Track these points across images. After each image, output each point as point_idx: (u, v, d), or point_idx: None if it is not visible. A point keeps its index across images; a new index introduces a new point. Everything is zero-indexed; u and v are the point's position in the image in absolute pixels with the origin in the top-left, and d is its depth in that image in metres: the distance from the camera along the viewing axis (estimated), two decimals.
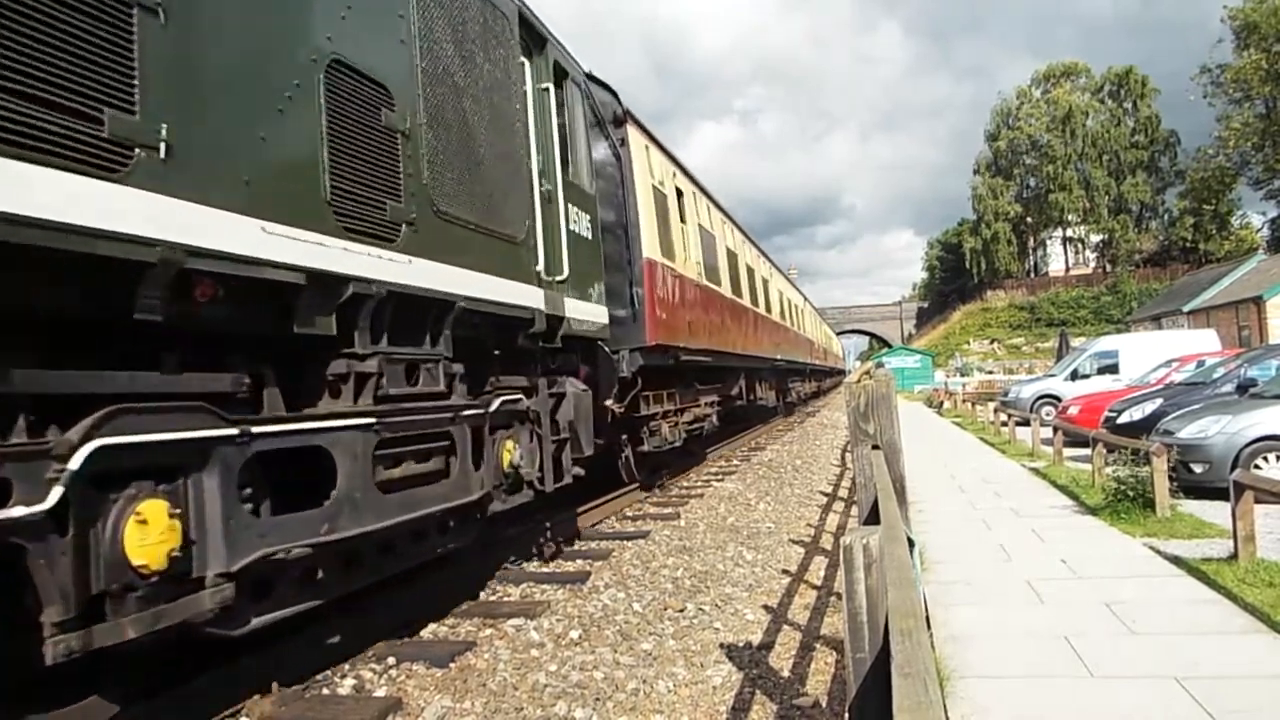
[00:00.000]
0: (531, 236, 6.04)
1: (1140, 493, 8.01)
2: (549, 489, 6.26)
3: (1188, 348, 18.70)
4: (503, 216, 5.57)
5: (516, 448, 5.77)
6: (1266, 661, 4.19)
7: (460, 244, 5.00)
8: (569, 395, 6.83)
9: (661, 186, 10.75)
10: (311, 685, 4.38)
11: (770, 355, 19.54)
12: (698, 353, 11.57)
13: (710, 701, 4.17)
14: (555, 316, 6.37)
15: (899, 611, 1.94)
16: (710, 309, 13.01)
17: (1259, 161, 57.86)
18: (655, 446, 10.30)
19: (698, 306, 12.05)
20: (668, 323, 10.14)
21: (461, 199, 5.06)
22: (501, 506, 5.68)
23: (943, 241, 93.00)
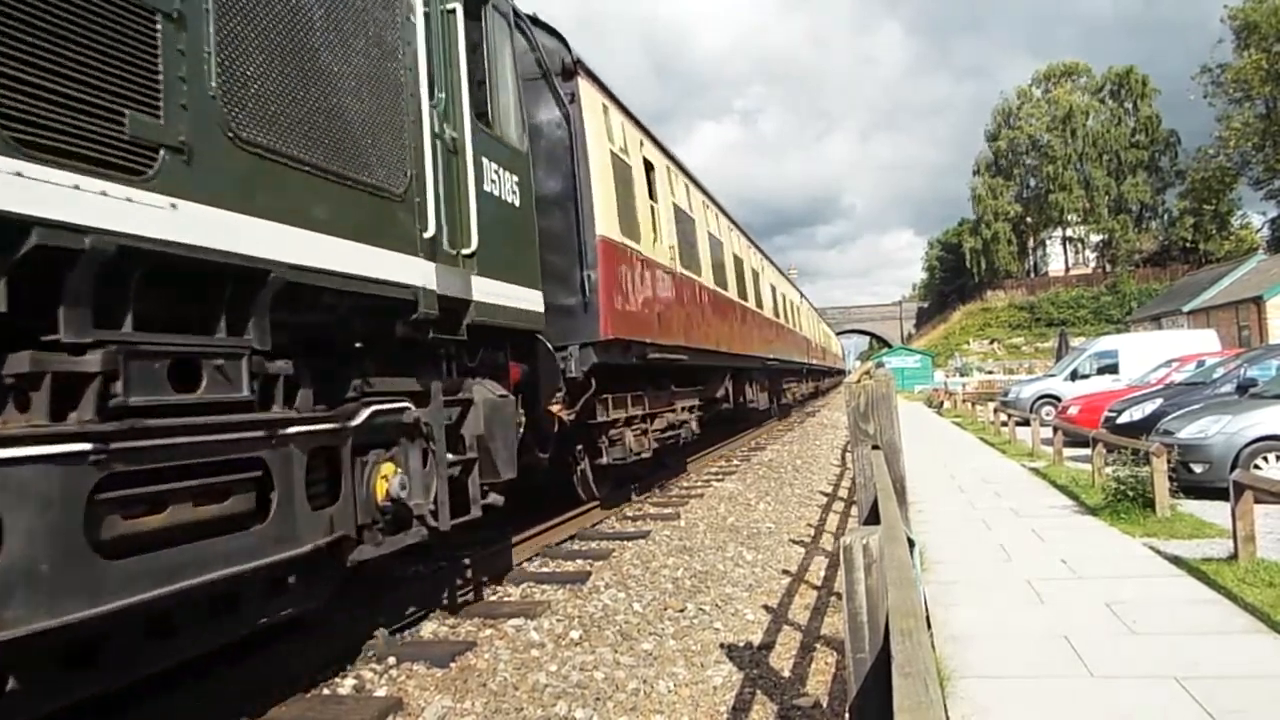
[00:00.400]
0: (417, 192, 4.57)
1: (1140, 493, 8.02)
2: (444, 525, 4.83)
3: (1188, 348, 18.70)
4: (365, 160, 4.15)
5: (398, 473, 4.44)
6: (1267, 661, 4.19)
7: (283, 190, 3.57)
8: (479, 403, 5.37)
9: (624, 155, 9.19)
10: (311, 685, 4.38)
11: (762, 354, 18.08)
12: (671, 350, 10.10)
13: (710, 701, 4.17)
14: (456, 300, 4.94)
15: (899, 611, 1.94)
16: (688, 301, 11.47)
17: (1259, 161, 57.89)
18: (617, 459, 8.95)
19: (671, 297, 10.49)
20: (630, 314, 8.68)
21: (287, 127, 3.62)
22: (374, 552, 4.33)
23: (943, 241, 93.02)
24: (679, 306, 10.91)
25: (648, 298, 9.44)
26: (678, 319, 10.73)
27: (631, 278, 8.88)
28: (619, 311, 8.28)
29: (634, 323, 8.81)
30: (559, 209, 7.89)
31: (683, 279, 11.26)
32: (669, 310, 10.33)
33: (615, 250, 8.35)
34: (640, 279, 9.22)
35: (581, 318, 7.83)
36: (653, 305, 9.62)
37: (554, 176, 7.95)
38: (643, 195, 9.75)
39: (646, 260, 9.50)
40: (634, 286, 8.97)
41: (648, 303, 9.42)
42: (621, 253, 8.54)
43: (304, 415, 3.82)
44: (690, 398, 12.12)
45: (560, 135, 8.05)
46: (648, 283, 9.51)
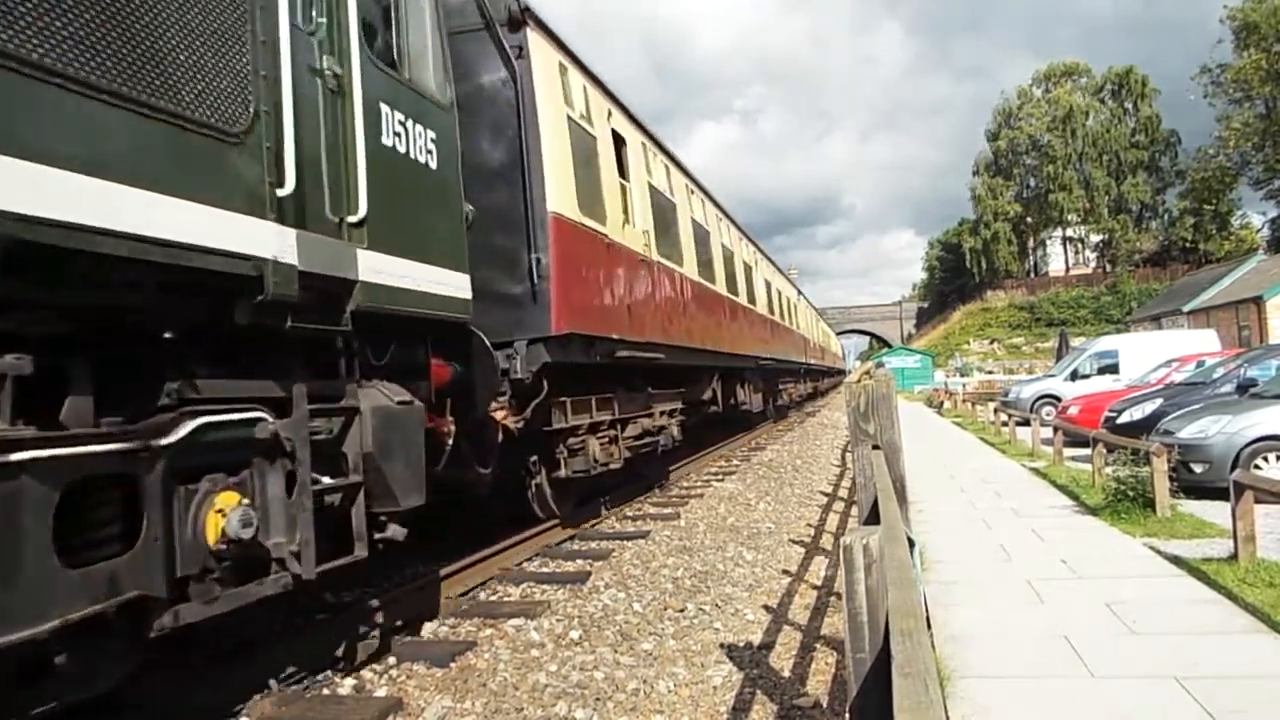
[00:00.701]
0: (268, 135, 3.52)
1: (1140, 493, 8.02)
2: (307, 572, 3.68)
3: (1188, 348, 18.71)
4: (169, 80, 3.04)
5: (241, 504, 3.42)
6: (1267, 661, 4.19)
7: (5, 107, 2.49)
8: (367, 413, 4.19)
9: (586, 124, 8.03)
10: (311, 685, 4.38)
11: (755, 353, 16.92)
12: (644, 348, 8.98)
13: (710, 701, 4.17)
14: (332, 279, 3.89)
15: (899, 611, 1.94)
16: (667, 294, 10.30)
17: (1259, 161, 57.92)
18: (578, 471, 7.86)
19: (646, 289, 9.34)
20: (591, 306, 7.60)
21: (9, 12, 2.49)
22: (203, 612, 3.30)
23: (943, 241, 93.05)
24: (656, 299, 9.73)
25: (616, 288, 8.29)
26: (654, 313, 9.58)
27: (594, 264, 7.70)
28: (576, 302, 7.18)
29: (597, 316, 7.71)
30: (504, 182, 6.82)
31: (661, 269, 10.06)
32: (643, 303, 9.15)
33: (572, 231, 7.17)
34: (606, 266, 8.02)
35: (529, 309, 6.72)
36: (622, 297, 8.45)
37: (500, 145, 6.88)
38: (610, 172, 8.55)
39: (614, 246, 8.27)
40: (597, 274, 7.81)
41: (615, 294, 8.28)
42: (580, 235, 7.38)
43: (48, 435, 2.67)
44: (671, 400, 11.02)
45: (508, 97, 6.86)
46: (616, 271, 8.31)
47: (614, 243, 8.34)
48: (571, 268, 7.13)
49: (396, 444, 4.40)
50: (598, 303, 7.82)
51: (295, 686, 4.28)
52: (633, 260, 8.98)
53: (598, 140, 8.36)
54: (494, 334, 6.19)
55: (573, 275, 7.17)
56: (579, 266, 7.35)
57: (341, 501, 4.09)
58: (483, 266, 5.96)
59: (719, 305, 13.77)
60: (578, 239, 7.33)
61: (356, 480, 4.13)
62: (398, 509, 4.42)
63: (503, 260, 6.77)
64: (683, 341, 10.84)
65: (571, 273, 7.13)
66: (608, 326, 7.95)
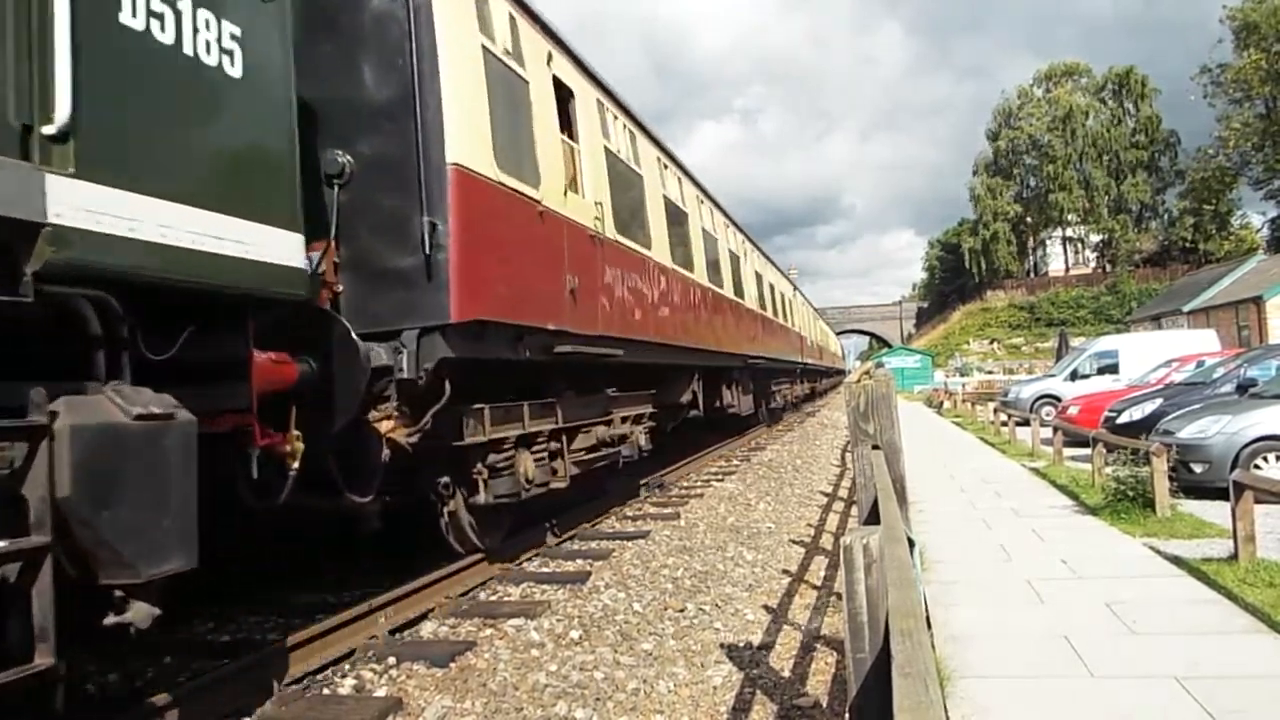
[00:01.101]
0: None
1: (1140, 493, 8.02)
2: None
3: (1188, 348, 18.72)
4: None
5: None
6: (1267, 661, 4.19)
7: None
8: (65, 435, 2.67)
9: (512, 62, 6.49)
10: (311, 685, 4.38)
11: (744, 351, 15.32)
12: (597, 342, 7.57)
13: (711, 701, 4.17)
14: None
15: (899, 611, 1.94)
16: (629, 281, 8.71)
17: (1259, 161, 57.92)
18: (503, 495, 6.31)
19: (599, 273, 7.79)
20: (514, 288, 6.10)
21: None
22: None
23: (943, 241, 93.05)
24: (613, 286, 8.15)
25: (554, 269, 6.80)
26: (611, 302, 8.01)
27: (519, 236, 6.23)
28: (490, 282, 5.70)
29: (523, 301, 6.22)
30: (393, 126, 5.39)
31: (619, 251, 8.44)
32: (594, 290, 7.59)
33: (484, 191, 5.67)
34: (538, 241, 6.55)
35: (421, 289, 5.25)
36: (561, 279, 6.89)
37: (389, 79, 5.44)
38: (547, 126, 6.97)
39: (552, 217, 6.78)
40: (524, 250, 6.31)
41: (553, 276, 6.78)
42: (497, 197, 5.86)
43: None
44: (638, 404, 9.62)
45: (401, 16, 5.47)
46: (554, 248, 6.83)
47: (551, 213, 6.75)
48: (482, 237, 5.58)
49: (130, 481, 2.89)
50: (524, 285, 6.27)
51: (295, 686, 4.28)
52: (579, 237, 7.38)
53: (530, 85, 6.74)
54: (379, 321, 5.15)
55: (484, 247, 5.61)
56: (495, 237, 5.79)
57: (19, 578, 2.59)
58: (363, 234, 5.19)
59: (700, 297, 12.16)
60: (493, 202, 5.78)
61: (39, 542, 2.60)
62: (136, 580, 2.88)
63: (388, 226, 5.32)
64: (651, 336, 9.34)
65: (482, 243, 5.56)
66: (541, 315, 6.50)
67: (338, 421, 4.60)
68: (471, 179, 5.55)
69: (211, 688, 3.97)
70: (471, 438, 5.98)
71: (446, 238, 5.26)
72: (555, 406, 7.34)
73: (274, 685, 4.18)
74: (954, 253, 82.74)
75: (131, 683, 4.55)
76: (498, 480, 6.30)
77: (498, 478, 6.30)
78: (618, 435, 8.66)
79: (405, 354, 5.21)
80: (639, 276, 9.12)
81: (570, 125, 7.78)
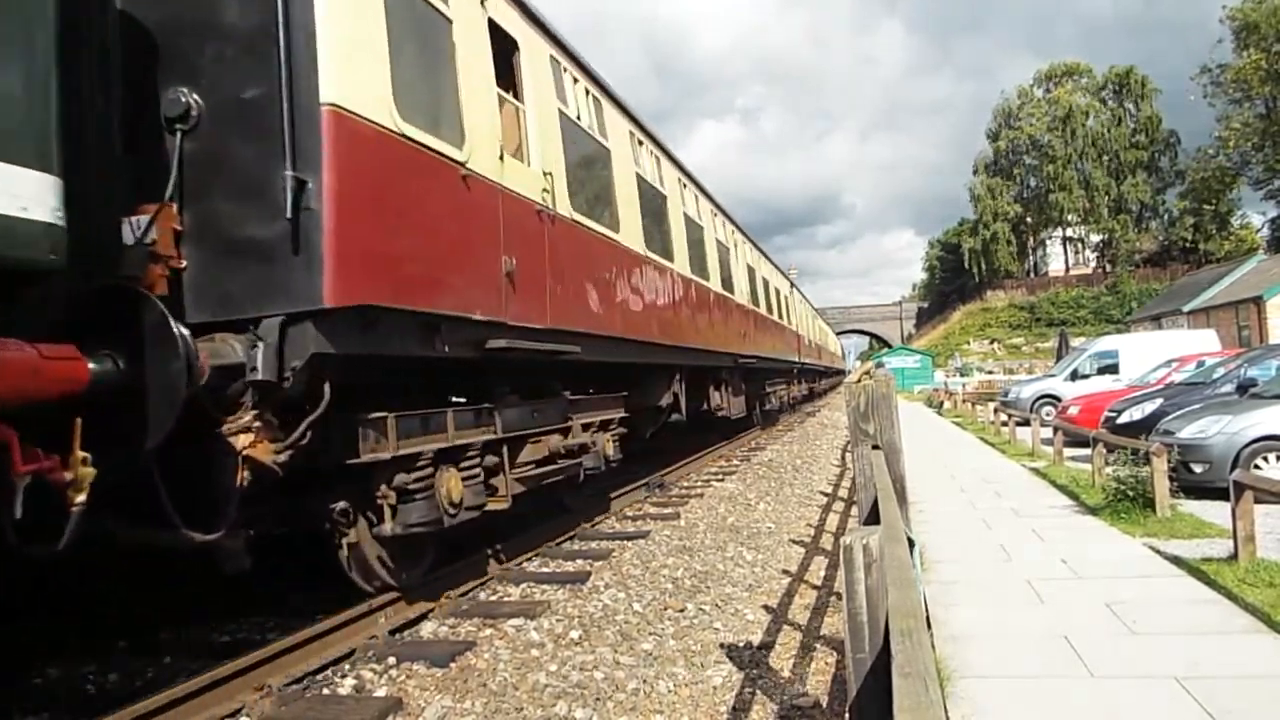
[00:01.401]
0: None
1: (1140, 493, 8.02)
2: None
3: (1188, 348, 18.72)
4: None
5: None
6: (1267, 661, 4.19)
7: None
8: None
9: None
10: (311, 685, 4.38)
11: (733, 350, 14.17)
12: (544, 337, 6.44)
13: (710, 701, 4.17)
14: None
15: (899, 611, 1.94)
16: (590, 267, 7.58)
17: (1259, 161, 57.94)
18: (417, 523, 5.08)
19: (548, 254, 6.56)
20: (426, 267, 4.94)
21: None
22: None
23: (943, 241, 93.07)
24: (567, 272, 6.94)
25: (484, 247, 5.60)
26: (565, 291, 6.86)
27: (433, 203, 5.05)
28: (383, 257, 4.53)
29: (437, 284, 5.01)
30: (251, 56, 4.27)
31: (577, 232, 7.28)
32: (539, 275, 6.42)
33: (375, 142, 4.49)
34: (461, 211, 5.35)
35: (286, 265, 4.13)
36: (495, 260, 5.69)
37: (249, 3, 4.31)
38: (477, 77, 5.76)
39: (481, 183, 5.57)
40: (439, 220, 5.11)
41: (482, 255, 5.56)
42: (396, 150, 4.66)
43: None
44: (605, 409, 8.51)
45: None
46: (484, 221, 5.62)
47: (480, 179, 5.56)
48: (373, 200, 4.44)
49: None
50: (440, 264, 5.08)
51: (295, 686, 4.29)
52: (522, 211, 6.18)
53: (455, 26, 5.55)
54: (231, 305, 4.17)
55: (375, 212, 4.46)
56: (393, 201, 4.62)
57: None
58: (215, 194, 4.20)
59: (682, 289, 10.97)
60: (390, 157, 4.61)
61: None
62: None
63: (244, 184, 4.22)
64: (620, 332, 8.22)
65: (372, 208, 4.43)
66: (464, 302, 5.29)
67: (150, 437, 3.53)
68: (356, 126, 4.36)
69: (211, 688, 3.97)
70: (371, 454, 4.74)
71: (319, 199, 4.11)
72: (494, 413, 6.12)
73: (274, 685, 4.18)
74: (954, 253, 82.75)
75: (131, 683, 4.56)
76: (410, 505, 5.08)
77: (409, 502, 5.08)
78: (577, 445, 7.43)
79: (262, 349, 4.07)
80: (604, 263, 8.00)
81: (514, 81, 6.63)
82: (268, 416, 4.21)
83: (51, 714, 4.18)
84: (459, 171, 5.33)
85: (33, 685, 4.56)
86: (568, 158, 7.28)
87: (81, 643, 5.06)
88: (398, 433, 4.94)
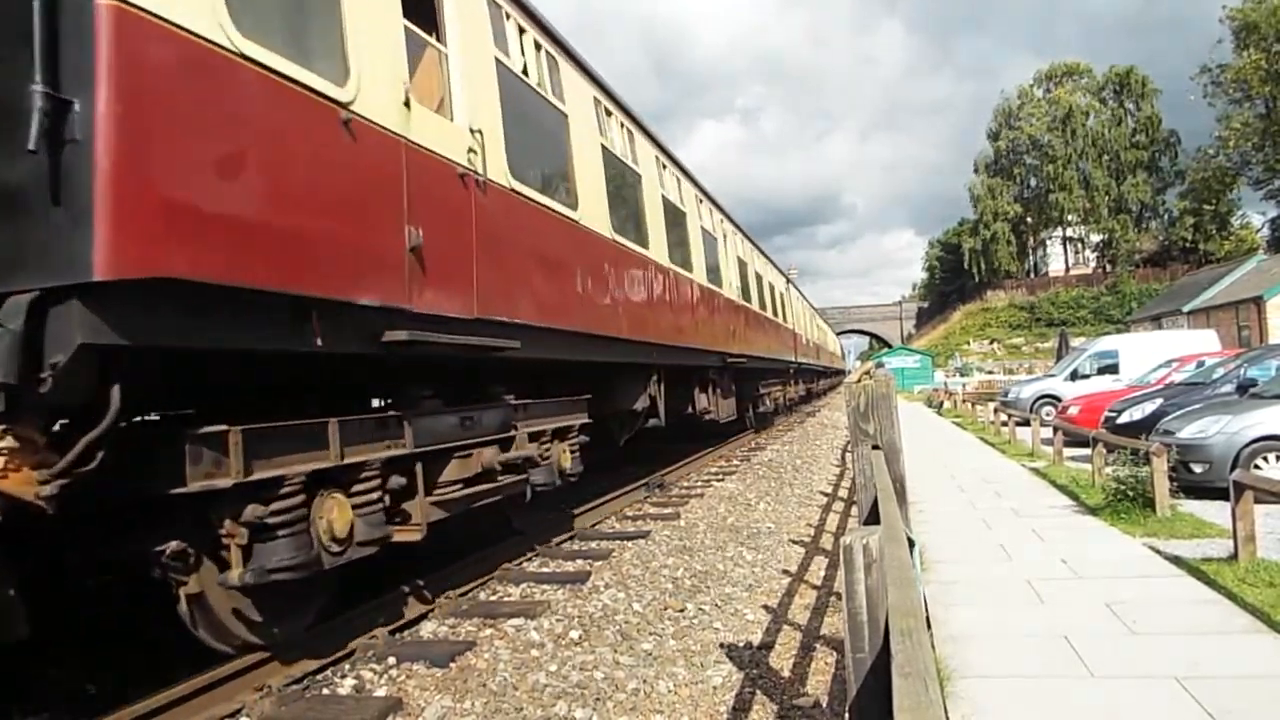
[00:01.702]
0: None
1: (1140, 493, 8.02)
2: None
3: (1188, 348, 18.72)
4: None
5: None
6: (1267, 661, 4.19)
7: None
8: None
9: None
10: (311, 685, 4.38)
11: (721, 348, 12.96)
12: (469, 329, 5.30)
13: (710, 701, 4.17)
14: None
15: (899, 611, 1.94)
16: (538, 247, 6.48)
17: (1259, 161, 57.98)
18: (278, 566, 3.95)
19: (474, 229, 5.40)
20: (283, 231, 3.83)
21: None
22: None
23: (943, 241, 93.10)
24: (504, 252, 5.83)
25: (377, 213, 4.47)
26: (500, 275, 5.71)
27: (292, 150, 3.94)
28: (210, 218, 3.42)
29: (303, 256, 3.93)
30: None
31: (516, 205, 6.11)
32: (463, 253, 5.26)
33: (185, 53, 3.37)
34: (341, 165, 4.23)
35: (41, 219, 3.02)
36: (395, 231, 4.57)
37: None
38: (381, 3, 4.73)
39: (373, 132, 4.47)
40: (303, 172, 3.98)
41: (373, 223, 4.43)
42: (226, 72, 3.56)
43: None
44: (562, 414, 7.44)
45: None
46: (378, 181, 4.50)
47: (372, 127, 4.46)
48: (183, 132, 3.31)
49: None
50: (306, 230, 3.95)
51: (295, 686, 4.28)
52: (434, 171, 5.02)
53: None
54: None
55: (187, 151, 3.33)
56: (223, 140, 3.51)
57: None
58: None
59: (660, 281, 9.78)
60: (214, 79, 3.49)
61: None
62: None
63: None
64: (579, 326, 7.13)
65: (182, 144, 3.30)
66: (347, 283, 4.18)
67: None
68: (156, 31, 3.22)
69: (211, 688, 3.97)
70: (203, 482, 3.62)
71: (90, 126, 2.97)
72: (403, 424, 5.00)
73: (274, 685, 4.17)
74: (954, 253, 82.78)
75: (131, 683, 4.55)
76: (270, 545, 3.96)
77: (271, 540, 3.96)
78: (521, 458, 6.29)
79: (3, 339, 2.95)
80: (556, 245, 6.84)
81: (434, 18, 5.56)
82: (26, 434, 3.07)
83: (51, 714, 4.17)
84: (338, 114, 4.19)
85: (33, 685, 4.55)
86: (507, 116, 6.09)
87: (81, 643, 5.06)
88: (246, 452, 3.79)
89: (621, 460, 11.72)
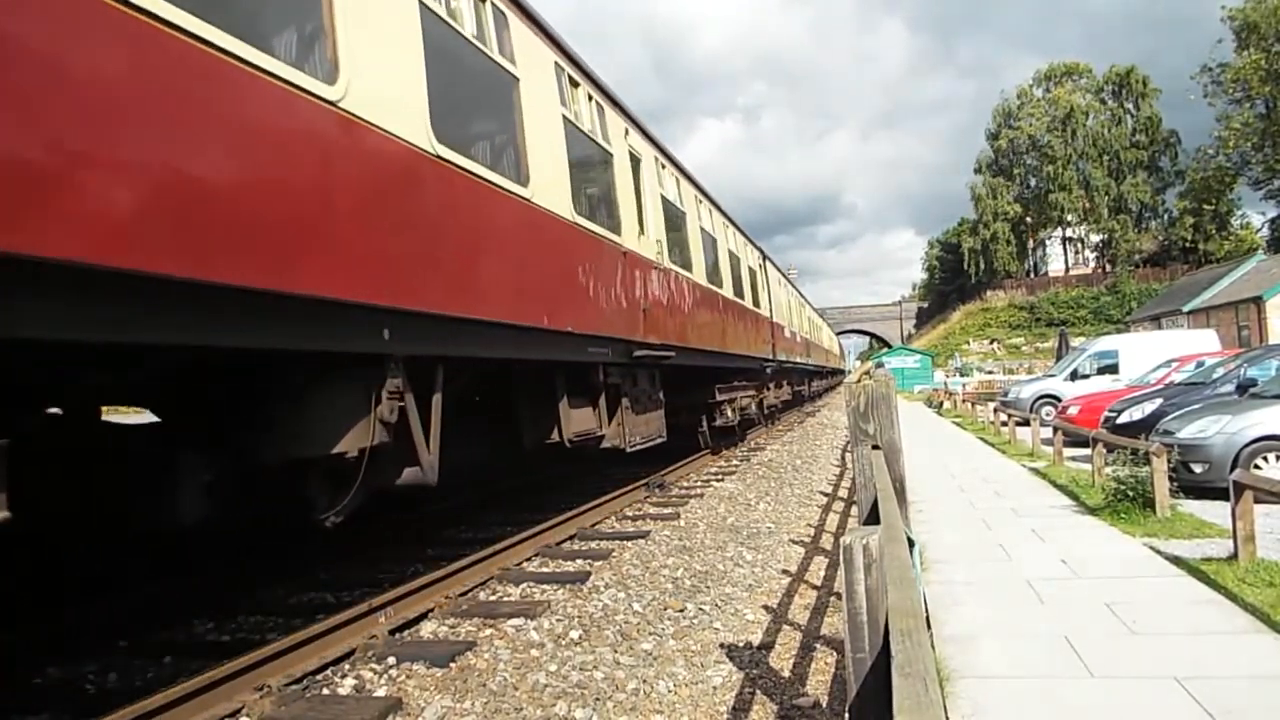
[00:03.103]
0: None
1: (1140, 493, 8.02)
2: None
3: (1187, 348, 18.72)
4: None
5: None
6: (1267, 662, 4.19)
7: None
8: None
9: None
10: (311, 685, 4.38)
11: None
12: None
13: (710, 701, 4.17)
14: None
15: (899, 611, 1.94)
16: (420, 208, 4.61)
17: (1259, 161, 57.95)
18: None
19: (311, 176, 3.73)
20: None
21: None
22: None
23: (943, 241, 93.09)
24: (362, 215, 4.07)
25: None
26: (353, 240, 4.00)
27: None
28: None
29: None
30: None
31: (425, 162, 4.63)
32: (282, 205, 3.57)
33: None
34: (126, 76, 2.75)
35: None
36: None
37: None
38: None
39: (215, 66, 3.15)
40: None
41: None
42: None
43: None
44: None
45: None
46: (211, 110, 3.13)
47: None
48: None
49: None
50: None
51: (295, 686, 4.28)
52: (272, 105, 3.52)
53: None
54: None
55: None
56: None
57: None
58: None
59: (607, 257, 7.62)
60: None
61: None
62: None
63: None
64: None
65: None
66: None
67: None
68: None
69: (211, 688, 3.97)
70: None
71: None
72: None
73: (273, 685, 4.17)
74: (954, 253, 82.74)
75: (131, 683, 4.55)
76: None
77: None
78: None
79: None
80: (456, 208, 4.97)
81: None
82: None
83: (51, 714, 4.17)
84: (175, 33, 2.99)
85: (33, 685, 4.55)
86: (407, 51, 4.62)
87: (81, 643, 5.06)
88: None
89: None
